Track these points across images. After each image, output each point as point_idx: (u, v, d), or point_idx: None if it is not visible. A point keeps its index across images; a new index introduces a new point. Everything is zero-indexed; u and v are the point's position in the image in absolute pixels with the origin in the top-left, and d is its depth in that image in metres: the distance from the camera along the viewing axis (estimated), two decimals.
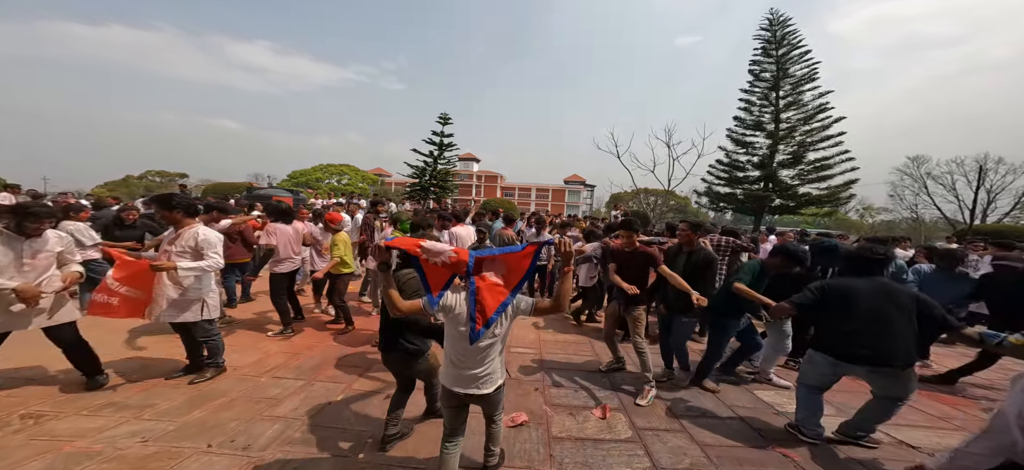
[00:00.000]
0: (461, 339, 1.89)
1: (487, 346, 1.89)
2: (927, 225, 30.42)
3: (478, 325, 1.83)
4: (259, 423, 2.81)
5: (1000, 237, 13.27)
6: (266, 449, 2.53)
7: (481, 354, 1.90)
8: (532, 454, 2.65)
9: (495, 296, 1.88)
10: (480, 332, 1.83)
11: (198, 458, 2.39)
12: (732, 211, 27.89)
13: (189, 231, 3.22)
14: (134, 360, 3.71)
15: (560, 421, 3.07)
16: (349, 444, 2.66)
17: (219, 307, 3.52)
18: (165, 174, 46.63)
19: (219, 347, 3.51)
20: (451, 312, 1.91)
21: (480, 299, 1.85)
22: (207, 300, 3.36)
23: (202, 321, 3.34)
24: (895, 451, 2.88)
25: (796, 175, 24.56)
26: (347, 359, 4.03)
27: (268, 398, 3.16)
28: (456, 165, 34.01)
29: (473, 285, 1.90)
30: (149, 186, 37.82)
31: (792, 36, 24.89)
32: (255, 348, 4.16)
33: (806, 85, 24.36)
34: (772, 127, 25.06)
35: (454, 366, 1.94)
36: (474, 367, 1.91)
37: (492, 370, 1.94)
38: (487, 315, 1.83)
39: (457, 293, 1.96)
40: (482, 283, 1.90)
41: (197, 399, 3.07)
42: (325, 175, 39.71)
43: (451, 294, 1.95)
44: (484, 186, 63.54)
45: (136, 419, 2.75)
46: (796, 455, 2.76)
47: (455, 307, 1.91)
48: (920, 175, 30.04)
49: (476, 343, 1.85)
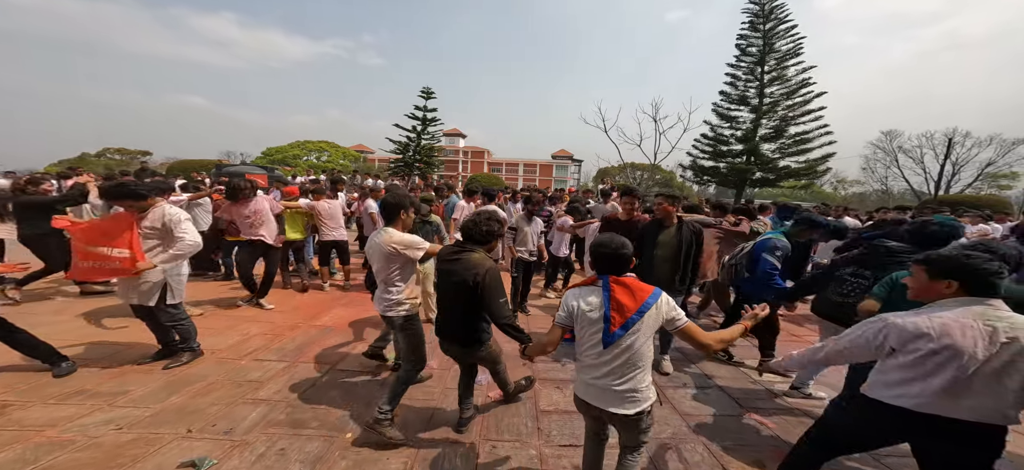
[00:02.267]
0: (593, 342, 1.70)
1: (625, 356, 1.65)
2: (895, 197, 31.76)
3: (613, 326, 1.64)
4: (241, 407, 2.75)
5: (959, 205, 13.85)
6: (250, 432, 2.49)
7: (618, 362, 1.66)
8: (520, 428, 2.71)
9: (636, 296, 1.67)
10: (616, 334, 1.63)
11: (178, 444, 2.32)
12: (715, 184, 28.44)
13: (154, 211, 3.09)
14: (103, 345, 3.55)
15: (547, 395, 3.13)
16: (337, 425, 2.65)
17: (183, 291, 3.35)
18: (126, 152, 43.93)
19: (190, 331, 3.39)
20: (582, 313, 1.72)
21: (616, 298, 1.66)
22: (170, 283, 3.21)
23: (167, 307, 3.20)
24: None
25: (777, 149, 25.26)
26: (331, 339, 3.97)
27: (250, 381, 3.09)
28: (440, 140, 33.35)
29: (606, 282, 1.72)
30: (108, 165, 35.58)
31: (780, 10, 25.00)
32: (234, 330, 4.04)
33: (791, 60, 24.73)
34: (756, 102, 25.50)
35: (584, 372, 1.77)
36: (609, 377, 1.67)
37: (634, 387, 1.67)
38: (625, 315, 1.64)
39: (589, 292, 1.77)
40: (617, 282, 1.71)
41: (174, 384, 2.97)
42: (303, 152, 38.33)
43: (580, 293, 1.78)
44: (471, 162, 62.59)
45: (109, 406, 2.64)
46: (771, 423, 2.90)
47: (587, 306, 1.72)
48: (892, 149, 31.16)
49: (611, 348, 1.65)
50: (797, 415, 3.01)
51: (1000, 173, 27.20)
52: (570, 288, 1.85)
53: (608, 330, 1.63)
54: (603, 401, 1.70)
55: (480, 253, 2.33)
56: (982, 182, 27.67)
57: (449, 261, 2.34)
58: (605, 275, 1.74)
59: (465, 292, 2.23)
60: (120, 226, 2.98)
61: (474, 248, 2.34)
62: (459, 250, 2.35)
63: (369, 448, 2.43)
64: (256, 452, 2.32)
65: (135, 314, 3.26)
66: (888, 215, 7.25)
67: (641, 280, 1.74)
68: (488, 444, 2.53)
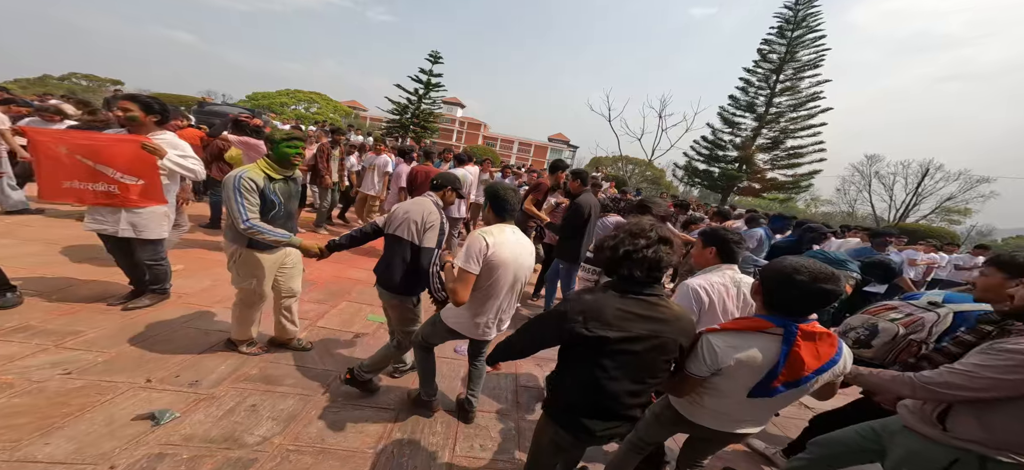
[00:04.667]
0: (735, 389, 1.38)
1: (774, 403, 1.43)
2: (858, 219, 32.92)
3: (778, 381, 1.29)
4: (209, 358, 2.54)
5: (911, 234, 14.55)
6: (218, 385, 2.29)
7: (760, 407, 1.45)
8: (502, 398, 2.71)
9: (821, 353, 1.29)
10: (778, 389, 1.31)
11: (135, 394, 2.11)
12: (704, 187, 28.77)
13: (159, 136, 2.78)
14: (56, 279, 3.20)
15: (528, 370, 3.11)
16: (313, 381, 2.48)
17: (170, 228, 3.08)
18: (94, 78, 40.53)
19: (167, 272, 3.11)
20: (736, 361, 1.33)
21: (797, 352, 1.27)
22: (170, 215, 3.00)
23: (152, 241, 2.92)
24: None
25: (770, 160, 25.51)
26: (311, 295, 3.75)
27: (219, 330, 2.86)
28: (441, 107, 32.35)
29: (791, 333, 1.27)
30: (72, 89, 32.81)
31: (813, 18, 24.27)
32: (205, 273, 3.75)
33: (808, 71, 24.40)
34: (762, 110, 25.41)
35: (717, 413, 1.49)
36: (743, 422, 1.49)
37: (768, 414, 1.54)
38: (800, 373, 1.28)
39: (754, 337, 1.33)
40: (806, 336, 1.28)
41: (133, 328, 2.71)
42: (291, 100, 36.41)
43: (738, 339, 1.34)
44: (467, 132, 61.15)
45: (57, 348, 2.37)
46: None
47: (746, 358, 1.32)
48: (870, 173, 32.00)
49: (759, 397, 1.35)
50: None
51: (955, 208, 28.49)
52: (712, 331, 1.40)
53: (769, 385, 1.30)
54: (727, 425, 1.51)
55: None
56: (935, 215, 28.90)
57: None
58: (791, 322, 1.28)
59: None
60: (132, 149, 2.64)
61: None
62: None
63: (347, 409, 2.29)
64: (224, 407, 2.13)
65: (109, 248, 2.93)
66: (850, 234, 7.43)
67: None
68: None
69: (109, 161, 2.63)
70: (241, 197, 2.13)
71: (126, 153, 2.65)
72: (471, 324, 2.03)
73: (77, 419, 1.88)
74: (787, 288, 1.27)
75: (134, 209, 2.75)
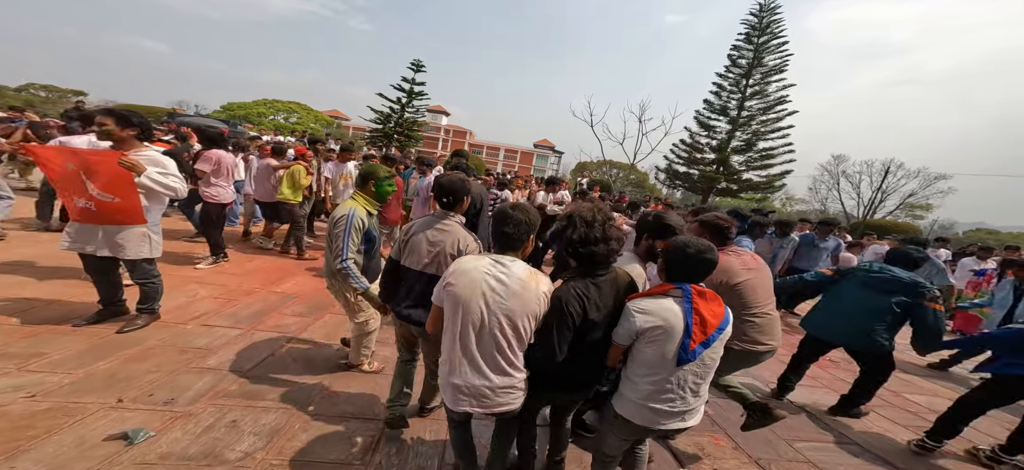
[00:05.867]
0: (662, 362, 1.47)
1: (700, 374, 1.51)
2: (829, 216, 34.40)
3: (693, 343, 1.43)
4: (185, 375, 2.44)
5: (880, 230, 15.28)
6: (195, 402, 2.21)
7: (693, 380, 1.50)
8: None
9: (714, 310, 1.49)
10: (696, 351, 1.44)
11: (106, 415, 2.01)
12: (685, 189, 29.45)
13: (140, 154, 2.67)
14: (17, 301, 3.04)
15: None
16: (299, 398, 2.41)
17: (160, 245, 2.96)
18: (54, 89, 38.69)
19: (158, 290, 2.99)
20: (652, 328, 1.45)
21: (698, 310, 1.45)
22: (152, 235, 2.83)
23: (143, 260, 2.82)
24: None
25: (744, 161, 26.39)
26: (293, 308, 3.67)
27: (196, 348, 2.77)
28: (425, 115, 32.18)
29: (688, 291, 1.48)
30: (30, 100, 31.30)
31: (776, 25, 25.57)
32: (179, 291, 3.62)
33: (774, 76, 25.54)
34: (735, 113, 26.31)
35: (647, 399, 1.51)
36: (676, 401, 1.50)
37: (699, 405, 1.58)
38: (708, 331, 1.45)
39: (660, 300, 1.49)
40: (698, 292, 1.49)
41: (101, 349, 2.59)
42: (269, 110, 35.48)
43: (651, 302, 1.49)
44: (452, 141, 61.10)
45: (20, 371, 2.25)
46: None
47: (659, 319, 1.45)
48: (837, 172, 33.57)
49: (685, 366, 1.46)
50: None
51: (917, 204, 30.19)
52: (631, 299, 1.55)
53: (688, 348, 1.43)
54: (651, 420, 1.53)
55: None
56: (900, 211, 30.53)
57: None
58: (686, 285, 1.51)
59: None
60: (110, 164, 2.51)
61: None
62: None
63: (333, 421, 2.23)
64: (202, 424, 2.05)
65: (87, 268, 2.81)
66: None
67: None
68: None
69: (91, 175, 2.54)
70: (350, 234, 2.14)
71: (105, 168, 2.54)
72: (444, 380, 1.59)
73: (44, 441, 1.78)
74: (681, 260, 1.53)
75: (112, 227, 2.64)
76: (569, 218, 1.56)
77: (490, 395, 1.50)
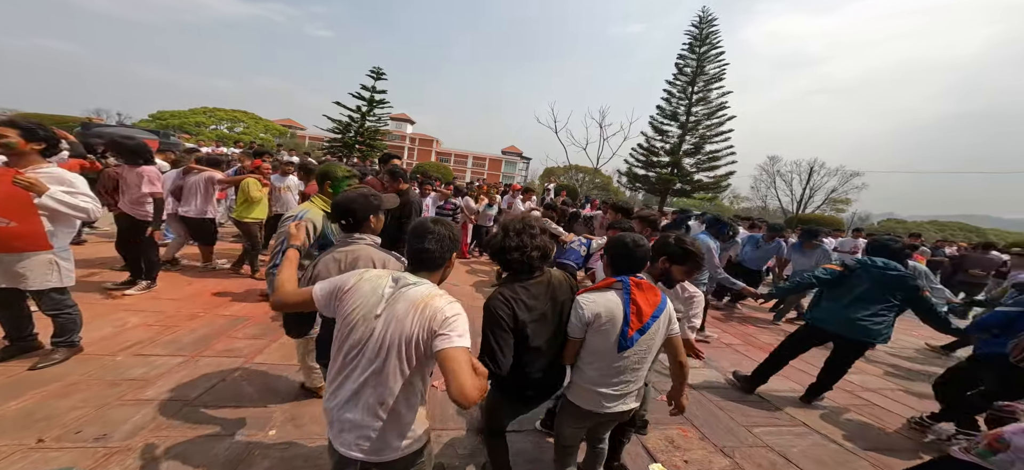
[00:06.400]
0: (606, 350, 1.58)
1: (639, 358, 1.61)
2: (770, 212, 37.73)
3: (631, 330, 1.55)
4: (119, 408, 2.17)
5: (806, 223, 16.92)
6: (133, 437, 1.96)
7: (633, 365, 1.61)
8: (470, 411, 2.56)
9: (650, 299, 1.61)
10: (634, 339, 1.55)
11: (25, 456, 1.74)
12: (644, 191, 30.88)
13: (41, 170, 2.33)
14: None
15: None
16: (256, 423, 2.22)
17: (73, 274, 2.59)
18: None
19: (75, 321, 2.64)
20: (597, 317, 1.57)
21: (635, 300, 1.57)
22: (61, 261, 2.48)
23: (52, 290, 2.46)
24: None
25: (694, 163, 28.20)
26: (244, 331, 3.38)
27: (130, 379, 2.47)
28: (387, 124, 31.11)
29: (627, 283, 1.61)
30: None
31: (714, 36, 27.85)
32: (105, 320, 3.22)
33: (715, 84, 27.68)
34: (684, 118, 28.15)
35: (593, 384, 1.62)
36: (619, 385, 1.62)
37: (638, 388, 1.70)
38: (643, 319, 1.57)
39: (605, 293, 1.62)
40: (635, 284, 1.62)
41: (12, 387, 2.24)
42: (210, 120, 32.51)
43: (597, 294, 1.62)
44: (418, 149, 59.63)
45: None
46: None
47: (603, 309, 1.57)
48: (773, 171, 36.99)
49: (624, 352, 1.57)
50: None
51: (839, 198, 34.03)
52: (583, 292, 1.70)
53: (627, 334, 1.55)
54: (598, 404, 1.63)
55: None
56: (826, 205, 34.28)
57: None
58: (625, 276, 1.65)
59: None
60: (2, 184, 2.15)
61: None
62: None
63: (299, 441, 2.08)
64: (144, 457, 1.83)
65: None
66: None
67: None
68: (433, 433, 2.35)
69: None
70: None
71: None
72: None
73: None
74: (622, 254, 1.70)
75: (10, 256, 2.30)
76: (500, 228, 1.67)
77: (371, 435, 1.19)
